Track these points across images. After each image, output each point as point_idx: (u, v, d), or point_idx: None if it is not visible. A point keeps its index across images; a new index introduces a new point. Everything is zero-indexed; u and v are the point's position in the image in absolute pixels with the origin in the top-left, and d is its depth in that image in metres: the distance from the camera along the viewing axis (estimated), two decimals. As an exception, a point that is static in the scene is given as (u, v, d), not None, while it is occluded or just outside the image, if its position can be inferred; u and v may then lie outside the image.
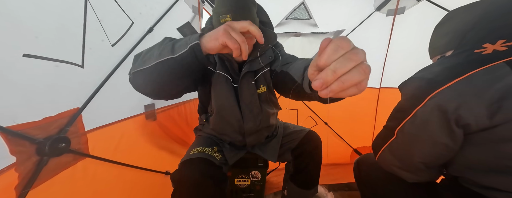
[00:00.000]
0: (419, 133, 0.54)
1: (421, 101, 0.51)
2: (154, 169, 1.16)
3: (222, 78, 0.82)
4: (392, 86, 1.72)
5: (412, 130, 0.55)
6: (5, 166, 0.58)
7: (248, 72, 0.82)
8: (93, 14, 0.75)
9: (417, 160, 0.57)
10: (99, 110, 0.84)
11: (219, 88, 0.83)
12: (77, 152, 0.77)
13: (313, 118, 1.84)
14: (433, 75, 0.52)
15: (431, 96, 0.49)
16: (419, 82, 0.54)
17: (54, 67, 0.66)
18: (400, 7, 1.46)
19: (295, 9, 1.48)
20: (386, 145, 0.62)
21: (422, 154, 0.56)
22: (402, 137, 0.58)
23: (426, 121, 0.52)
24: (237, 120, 0.86)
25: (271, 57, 0.84)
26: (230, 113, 0.85)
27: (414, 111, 0.53)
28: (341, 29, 1.60)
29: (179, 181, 0.73)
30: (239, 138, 0.93)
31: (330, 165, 1.85)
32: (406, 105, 0.56)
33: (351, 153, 1.94)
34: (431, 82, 0.51)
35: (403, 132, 0.57)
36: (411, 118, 0.54)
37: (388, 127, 0.62)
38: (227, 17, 0.70)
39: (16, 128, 0.59)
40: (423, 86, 0.52)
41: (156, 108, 1.19)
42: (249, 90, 0.84)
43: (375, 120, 1.87)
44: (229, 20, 0.70)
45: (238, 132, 0.90)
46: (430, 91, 0.50)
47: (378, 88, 1.78)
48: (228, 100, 0.83)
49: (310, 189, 0.99)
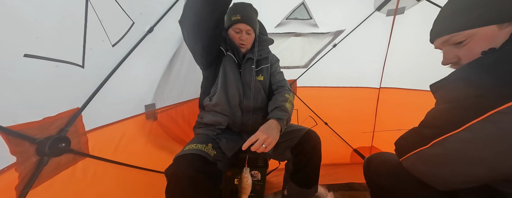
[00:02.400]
0: (469, 152, 0.43)
1: (478, 113, 0.40)
2: (154, 169, 1.16)
3: (231, 59, 1.04)
4: (392, 86, 1.72)
5: (459, 146, 0.44)
6: (5, 166, 0.58)
7: (250, 58, 1.05)
8: (94, 14, 0.75)
9: (455, 177, 0.48)
10: (99, 110, 0.84)
11: (227, 66, 1.03)
12: (77, 152, 0.77)
13: (313, 118, 1.84)
14: (496, 79, 0.39)
15: (498, 111, 0.37)
16: (472, 87, 0.42)
17: (55, 67, 0.66)
18: (400, 7, 1.47)
19: (295, 9, 1.48)
20: (416, 152, 0.53)
21: (465, 174, 0.46)
22: (440, 150, 0.47)
23: (486, 140, 0.40)
24: (238, 94, 1.02)
25: (268, 53, 1.14)
26: (233, 88, 1.02)
27: (466, 124, 0.42)
28: (341, 29, 1.60)
29: (172, 175, 0.75)
30: (238, 114, 1.04)
31: (330, 165, 1.85)
32: (452, 114, 0.45)
33: (351, 153, 1.94)
34: (494, 90, 0.39)
35: (443, 146, 0.46)
36: (460, 133, 0.43)
37: (422, 133, 0.52)
38: (237, 16, 1.01)
39: (16, 128, 0.59)
40: (483, 94, 0.40)
41: (156, 108, 1.19)
42: (249, 72, 1.05)
43: (375, 120, 1.87)
44: (238, 18, 1.00)
45: (237, 106, 1.03)
46: (494, 103, 0.38)
47: (378, 88, 1.79)
48: (233, 76, 1.02)
49: (310, 188, 0.99)
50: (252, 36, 1.06)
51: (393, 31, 1.56)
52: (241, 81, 1.04)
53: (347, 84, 1.78)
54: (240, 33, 1.03)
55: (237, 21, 1.01)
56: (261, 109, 1.10)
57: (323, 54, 1.69)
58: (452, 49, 0.56)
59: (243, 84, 1.04)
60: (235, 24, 1.02)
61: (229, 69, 1.02)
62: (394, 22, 1.52)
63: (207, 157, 0.83)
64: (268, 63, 1.12)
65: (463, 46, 0.52)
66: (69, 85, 0.72)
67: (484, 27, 0.47)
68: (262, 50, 1.10)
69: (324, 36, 1.62)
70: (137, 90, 1.05)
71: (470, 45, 0.51)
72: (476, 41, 0.50)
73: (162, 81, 1.20)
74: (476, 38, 0.49)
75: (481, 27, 0.48)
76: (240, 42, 1.05)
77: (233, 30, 1.04)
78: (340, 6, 1.50)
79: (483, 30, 0.48)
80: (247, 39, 1.04)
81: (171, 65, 1.25)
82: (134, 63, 0.95)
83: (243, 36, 1.03)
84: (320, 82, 1.77)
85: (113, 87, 0.87)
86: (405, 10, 1.47)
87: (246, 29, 1.03)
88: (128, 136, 1.00)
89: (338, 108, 1.83)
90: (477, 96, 0.41)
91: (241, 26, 1.02)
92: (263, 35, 1.15)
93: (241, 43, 1.05)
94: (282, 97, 1.05)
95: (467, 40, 0.51)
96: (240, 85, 1.03)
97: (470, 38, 0.50)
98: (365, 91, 1.79)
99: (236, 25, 1.02)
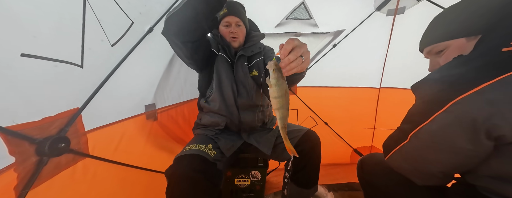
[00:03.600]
0: (437, 140, 0.50)
1: (441, 106, 0.46)
2: (154, 169, 1.16)
3: (223, 59, 1.03)
4: (392, 86, 1.72)
5: (429, 136, 0.51)
6: (4, 166, 0.58)
7: (242, 55, 1.04)
8: (92, 14, 0.75)
9: (432, 167, 0.55)
10: (99, 110, 0.84)
11: (220, 66, 1.02)
12: (77, 152, 0.77)
13: (313, 118, 1.84)
14: (454, 77, 0.46)
15: (455, 102, 0.44)
16: (438, 84, 0.49)
17: (54, 67, 0.66)
18: (400, 7, 1.46)
19: (295, 9, 1.47)
20: (398, 148, 0.59)
21: (438, 162, 0.53)
22: (416, 142, 0.54)
23: (448, 128, 0.47)
24: (233, 92, 1.02)
25: (260, 47, 1.11)
26: (227, 87, 1.01)
27: (432, 116, 0.48)
28: (341, 29, 1.60)
29: (172, 175, 0.76)
30: (235, 112, 1.03)
31: (330, 165, 1.85)
32: (423, 108, 0.52)
33: (351, 153, 1.94)
34: (453, 85, 0.46)
35: (418, 137, 0.53)
36: (429, 124, 0.49)
37: (402, 129, 0.58)
38: (224, 9, 1.00)
39: (16, 128, 0.59)
40: (444, 89, 0.47)
41: (156, 108, 1.19)
42: (243, 70, 1.03)
43: (375, 120, 1.87)
44: (225, 11, 1.01)
45: (234, 105, 1.03)
46: (452, 96, 0.44)
47: (378, 88, 1.78)
48: (226, 76, 1.01)
49: (309, 188, 0.99)
50: (242, 28, 1.06)
51: (393, 31, 1.55)
52: (235, 80, 1.03)
53: (347, 84, 1.78)
54: (229, 26, 1.03)
55: (225, 15, 1.02)
56: (258, 105, 1.09)
57: (323, 54, 1.69)
58: (435, 58, 0.66)
59: (237, 83, 1.03)
60: (224, 18, 1.03)
61: (222, 70, 1.02)
62: (394, 22, 1.52)
63: (207, 157, 0.83)
64: (261, 56, 1.10)
65: (442, 55, 0.63)
66: (69, 85, 0.72)
67: (456, 39, 0.59)
68: (253, 45, 1.08)
69: (324, 36, 1.62)
70: (137, 90, 1.05)
71: (447, 54, 0.61)
72: (450, 51, 0.60)
73: (162, 81, 1.20)
74: (451, 49, 0.60)
75: (453, 39, 0.59)
76: (231, 36, 1.04)
77: (223, 25, 1.04)
78: (340, 6, 1.50)
79: (456, 42, 0.59)
80: (237, 32, 1.04)
81: (171, 65, 1.25)
82: (134, 63, 0.95)
83: (233, 29, 1.02)
84: (320, 82, 1.77)
85: (113, 87, 0.87)
86: (405, 10, 1.46)
87: (235, 21, 1.03)
88: (128, 136, 1.00)
89: (338, 107, 1.82)
90: (440, 91, 0.48)
91: (230, 19, 1.02)
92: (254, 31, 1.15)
93: (233, 37, 1.04)
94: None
95: (445, 50, 0.62)
96: (234, 84, 1.02)
97: (447, 48, 0.61)
98: (365, 91, 1.79)
99: (225, 19, 1.03)
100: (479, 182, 0.53)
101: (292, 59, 0.54)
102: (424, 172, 0.57)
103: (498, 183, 0.49)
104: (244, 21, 1.06)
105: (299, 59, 0.55)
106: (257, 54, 1.09)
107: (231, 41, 1.05)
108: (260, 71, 1.07)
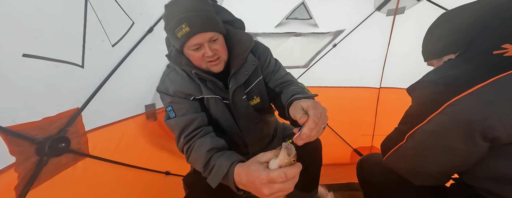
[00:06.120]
0: (433, 141, 0.50)
1: (436, 107, 0.47)
2: (154, 169, 1.16)
3: (212, 100, 0.79)
4: (392, 86, 1.72)
5: (425, 137, 0.51)
6: (5, 166, 0.58)
7: (236, 88, 0.78)
8: (94, 14, 0.75)
9: (428, 167, 0.55)
10: (99, 110, 0.84)
11: (212, 110, 0.81)
12: (77, 152, 0.77)
13: (313, 118, 1.84)
14: (449, 79, 0.47)
15: (450, 103, 0.44)
16: (433, 86, 0.50)
17: (54, 67, 0.66)
18: (400, 7, 1.47)
19: (295, 9, 1.47)
20: (395, 148, 0.59)
21: (435, 162, 0.54)
22: (412, 142, 0.55)
23: (443, 130, 0.47)
24: (237, 134, 0.87)
25: (254, 63, 0.79)
26: (229, 129, 0.85)
27: (428, 117, 0.48)
28: (341, 29, 1.60)
29: (193, 186, 0.74)
30: (243, 149, 0.94)
31: (330, 165, 1.85)
32: (419, 109, 0.52)
33: (351, 153, 1.94)
34: (448, 87, 0.46)
35: (414, 138, 0.54)
36: (425, 125, 0.50)
37: (399, 130, 0.59)
38: (183, 27, 0.62)
39: (16, 128, 0.59)
40: (439, 91, 0.48)
41: (156, 108, 1.19)
42: (242, 104, 0.82)
43: (375, 120, 1.87)
44: (187, 30, 0.63)
45: (242, 144, 0.92)
46: (447, 98, 0.45)
47: (378, 88, 1.78)
48: (223, 118, 0.83)
49: (310, 192, 0.98)
50: (220, 42, 0.70)
51: (393, 31, 1.55)
52: (236, 121, 0.84)
53: (347, 84, 1.78)
54: (200, 49, 0.68)
55: (189, 36, 0.64)
56: (268, 134, 0.98)
57: (323, 54, 1.69)
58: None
59: (239, 123, 0.85)
60: (188, 40, 0.65)
61: (216, 113, 0.81)
62: (394, 22, 1.52)
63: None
64: (260, 75, 0.83)
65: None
66: (69, 85, 0.72)
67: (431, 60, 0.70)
68: (245, 64, 0.77)
69: (324, 36, 1.62)
70: (137, 90, 1.05)
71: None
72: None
73: (162, 81, 1.20)
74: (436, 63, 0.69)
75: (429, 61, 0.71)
76: (208, 61, 0.70)
77: (190, 49, 0.68)
78: (340, 6, 1.50)
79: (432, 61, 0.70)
80: (217, 49, 0.69)
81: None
82: (134, 63, 0.95)
83: (208, 51, 0.67)
84: (320, 82, 1.77)
85: (113, 87, 0.87)
86: (405, 10, 1.46)
87: (207, 38, 0.66)
88: (128, 136, 1.00)
89: (338, 108, 1.82)
90: (435, 92, 0.49)
91: (198, 40, 0.65)
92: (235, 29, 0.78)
93: (211, 62, 0.70)
94: (295, 87, 0.81)
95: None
96: (235, 126, 0.84)
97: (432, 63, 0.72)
98: (365, 91, 1.79)
99: (190, 41, 0.65)
100: (477, 183, 0.53)
101: (314, 136, 0.51)
102: (421, 172, 0.58)
103: (495, 183, 0.49)
104: (219, 27, 0.69)
105: (321, 129, 0.52)
106: (253, 73, 0.80)
107: (210, 66, 0.71)
108: (262, 95, 0.86)
